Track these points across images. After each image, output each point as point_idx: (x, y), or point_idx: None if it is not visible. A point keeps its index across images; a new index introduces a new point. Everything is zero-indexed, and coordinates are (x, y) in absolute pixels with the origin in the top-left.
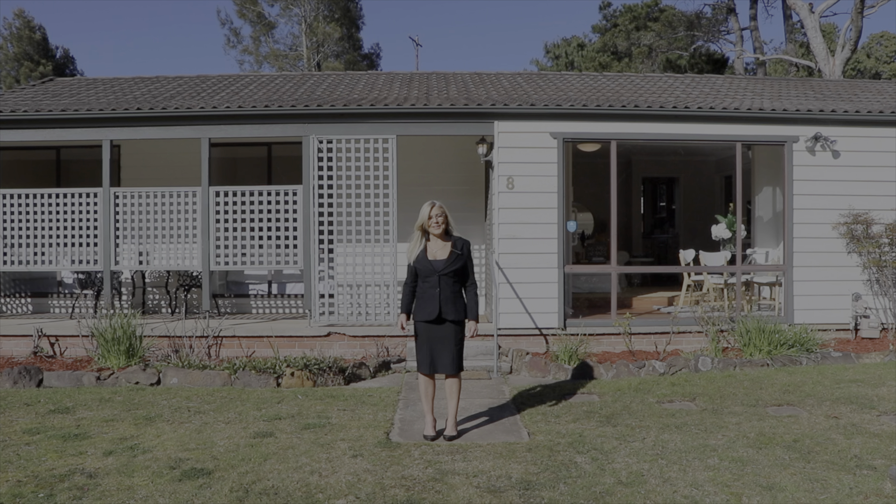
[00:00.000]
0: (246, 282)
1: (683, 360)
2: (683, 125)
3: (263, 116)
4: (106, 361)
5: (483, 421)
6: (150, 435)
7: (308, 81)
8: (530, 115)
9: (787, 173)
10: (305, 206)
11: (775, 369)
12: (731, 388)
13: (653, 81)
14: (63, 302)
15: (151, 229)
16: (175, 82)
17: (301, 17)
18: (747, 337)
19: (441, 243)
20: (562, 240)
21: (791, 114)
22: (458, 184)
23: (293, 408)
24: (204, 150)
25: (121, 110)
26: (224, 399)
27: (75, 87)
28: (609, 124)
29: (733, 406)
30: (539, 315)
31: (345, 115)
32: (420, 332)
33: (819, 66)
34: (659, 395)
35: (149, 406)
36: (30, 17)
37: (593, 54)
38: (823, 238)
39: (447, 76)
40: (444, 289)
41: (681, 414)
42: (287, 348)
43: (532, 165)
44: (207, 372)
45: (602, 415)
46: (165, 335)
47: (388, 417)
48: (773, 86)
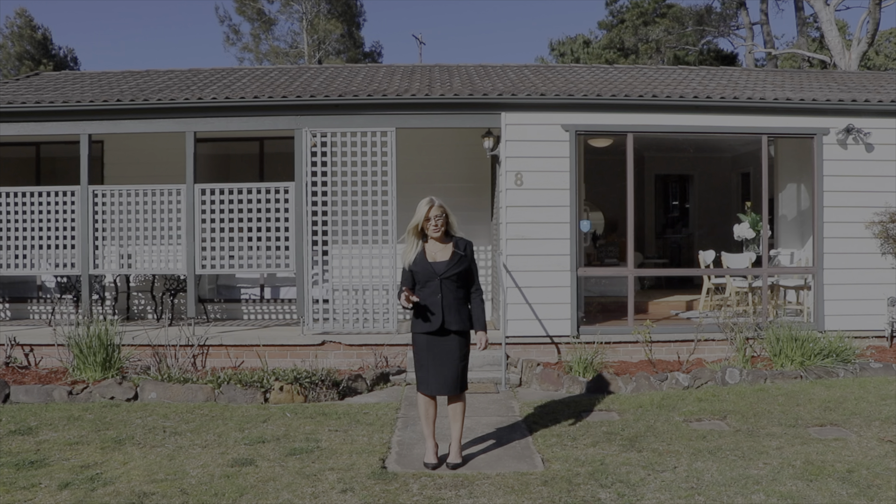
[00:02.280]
0: (238, 286)
1: (709, 372)
2: (705, 117)
3: (252, 108)
4: (81, 373)
5: (491, 444)
6: (117, 462)
7: (304, 74)
8: (541, 105)
9: (817, 168)
10: (298, 204)
11: (810, 382)
12: (764, 404)
13: (666, 73)
14: (43, 307)
15: (133, 230)
16: (165, 76)
17: (301, 14)
18: (778, 346)
19: (441, 245)
20: (575, 240)
21: (821, 104)
22: (463, 181)
23: (279, 428)
24: (189, 144)
25: (99, 102)
26: (205, 417)
27: (60, 81)
28: (625, 115)
29: (770, 426)
30: (550, 322)
31: (340, 105)
32: (420, 345)
33: (834, 60)
34: (685, 413)
35: (121, 426)
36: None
37: (599, 51)
38: (856, 238)
39: (450, 68)
40: (446, 294)
41: (712, 436)
42: (278, 358)
43: (542, 160)
44: (189, 386)
45: (624, 437)
46: (147, 344)
47: (385, 440)
48: (793, 78)
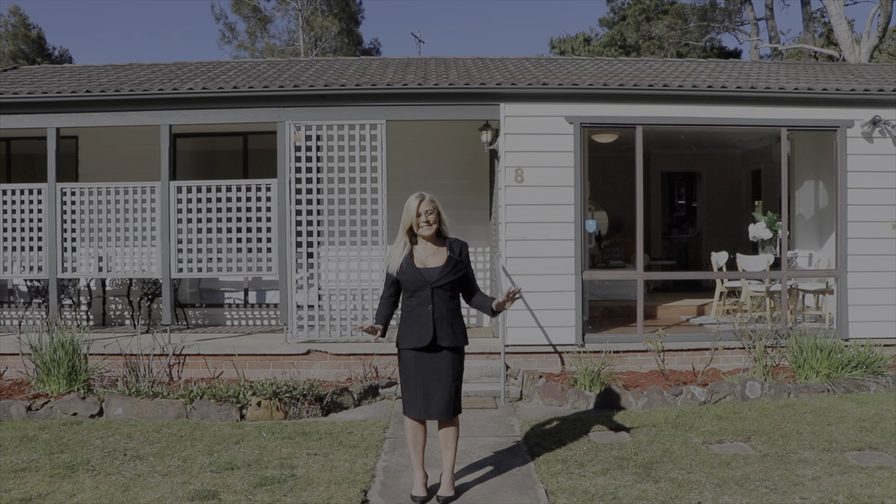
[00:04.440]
0: (221, 289)
1: (728, 385)
2: (720, 108)
3: (231, 99)
4: (44, 386)
5: (488, 472)
6: (64, 493)
7: (293, 67)
8: (543, 95)
9: (840, 164)
10: (281, 203)
11: (839, 397)
12: (791, 423)
13: (674, 66)
14: (14, 313)
15: (104, 231)
16: (149, 69)
17: (298, 12)
18: (802, 356)
19: (433, 247)
20: (580, 241)
21: (846, 94)
22: (459, 177)
23: (253, 451)
24: (164, 138)
25: (67, 93)
26: (173, 437)
27: (39, 75)
28: (634, 107)
29: (801, 450)
30: (553, 329)
31: (326, 96)
32: (407, 362)
33: (844, 54)
34: (704, 434)
35: (78, 448)
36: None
37: (600, 48)
38: (883, 238)
39: (447, 61)
40: (438, 305)
41: (737, 462)
42: (260, 368)
43: (545, 155)
44: (159, 401)
45: (638, 463)
46: (119, 353)
47: (369, 466)
48: (807, 70)
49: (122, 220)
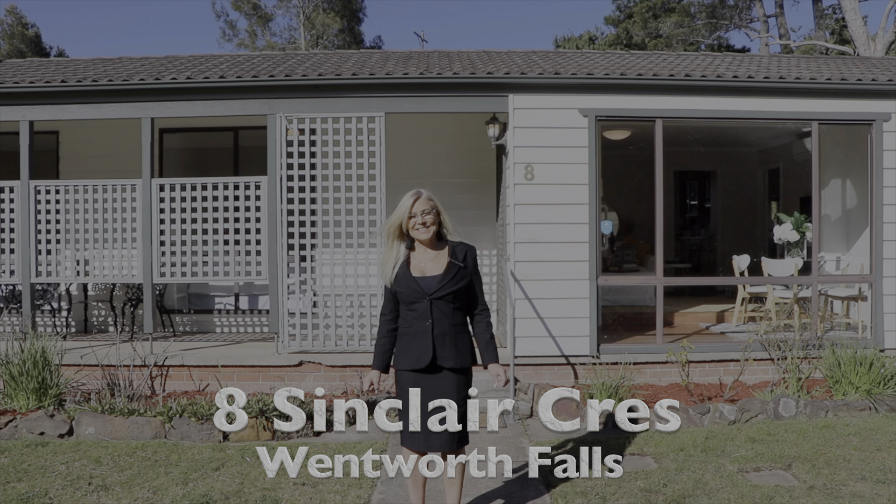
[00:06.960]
0: (210, 294)
1: (759, 403)
2: (745, 100)
3: (217, 90)
4: (12, 402)
5: None
6: None
7: (289, 60)
8: (555, 86)
9: (876, 160)
10: (271, 201)
11: (884, 417)
12: (835, 447)
13: (689, 59)
14: None
15: (83, 232)
16: (139, 62)
17: (299, 9)
18: (839, 370)
19: (432, 252)
20: (594, 244)
21: (882, 85)
22: (464, 175)
23: (233, 479)
24: (145, 131)
25: (40, 84)
26: (147, 462)
27: (23, 69)
28: (653, 98)
29: (852, 481)
30: (566, 339)
31: (320, 87)
32: (405, 385)
33: (858, 51)
34: (739, 460)
35: (38, 475)
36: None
37: (605, 47)
38: None
39: (451, 54)
40: (439, 320)
41: (781, 496)
42: (249, 381)
43: (557, 150)
44: (135, 419)
45: (668, 497)
46: (96, 364)
47: (363, 499)
48: (828, 63)
49: (102, 220)
